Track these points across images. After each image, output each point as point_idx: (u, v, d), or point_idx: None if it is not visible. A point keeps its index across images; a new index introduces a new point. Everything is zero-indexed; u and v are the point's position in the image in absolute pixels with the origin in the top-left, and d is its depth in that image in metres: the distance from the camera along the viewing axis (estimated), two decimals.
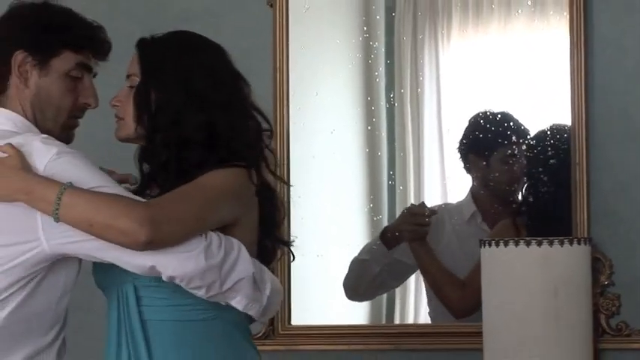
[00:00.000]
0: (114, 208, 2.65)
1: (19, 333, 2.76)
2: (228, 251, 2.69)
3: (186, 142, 2.80)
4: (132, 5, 4.38)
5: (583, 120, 3.94)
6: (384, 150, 4.33)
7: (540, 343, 3.63)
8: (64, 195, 2.64)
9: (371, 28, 4.35)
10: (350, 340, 4.17)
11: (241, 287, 2.71)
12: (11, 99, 2.88)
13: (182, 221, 2.68)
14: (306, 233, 4.19)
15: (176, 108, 2.82)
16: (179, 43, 2.93)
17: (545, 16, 4.11)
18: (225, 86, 2.88)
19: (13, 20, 2.92)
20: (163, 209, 2.68)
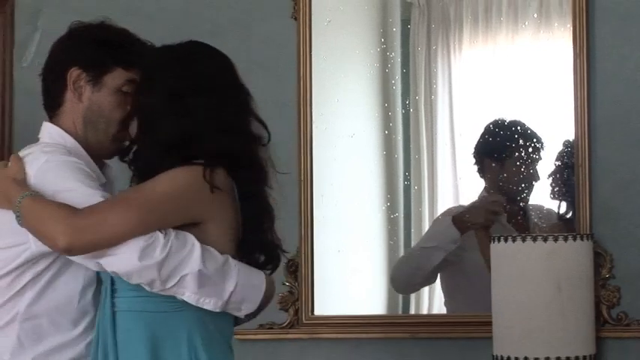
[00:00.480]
0: (49, 216, 2.65)
1: (42, 326, 2.77)
2: (174, 251, 2.63)
3: (161, 145, 2.75)
4: (167, 19, 4.38)
5: (585, 125, 3.93)
6: (400, 152, 4.33)
7: (546, 332, 3.62)
8: (21, 204, 2.67)
9: (388, 39, 4.35)
10: (369, 329, 4.17)
11: (187, 283, 2.65)
12: (66, 113, 2.90)
13: (111, 226, 2.62)
14: (328, 230, 4.24)
15: (153, 112, 2.78)
16: (175, 52, 2.86)
17: (550, 28, 4.11)
18: (212, 94, 2.79)
19: (71, 39, 2.94)
20: (90, 217, 2.64)
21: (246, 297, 2.74)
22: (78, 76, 2.87)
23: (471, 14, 4.25)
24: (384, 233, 4.31)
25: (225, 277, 2.70)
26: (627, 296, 3.89)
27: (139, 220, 2.63)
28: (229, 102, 2.81)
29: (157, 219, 2.66)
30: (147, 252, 2.62)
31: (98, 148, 2.90)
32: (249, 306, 2.75)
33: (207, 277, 2.66)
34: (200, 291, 2.67)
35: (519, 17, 4.19)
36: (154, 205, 2.66)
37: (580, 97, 3.95)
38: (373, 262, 4.31)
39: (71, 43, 2.94)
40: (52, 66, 2.94)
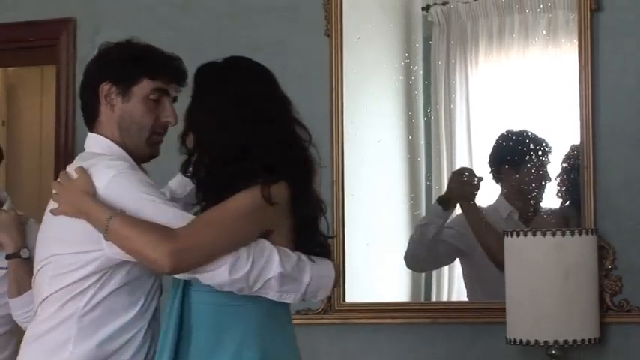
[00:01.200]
0: (146, 239, 2.66)
1: (100, 317, 2.79)
2: (256, 260, 2.68)
3: (217, 159, 2.76)
4: (209, 37, 4.39)
5: (590, 130, 3.92)
6: (422, 156, 4.33)
7: (554, 317, 3.63)
8: (110, 223, 2.67)
9: (411, 54, 4.35)
10: (394, 315, 4.17)
11: (271, 285, 2.71)
12: (102, 124, 2.92)
13: (205, 248, 2.66)
14: (357, 226, 4.24)
15: (211, 129, 2.77)
16: (223, 68, 2.85)
17: (558, 44, 4.10)
18: (261, 107, 2.79)
19: (101, 58, 2.97)
20: (187, 240, 2.66)
21: (321, 286, 2.81)
22: (109, 90, 2.89)
23: (486, 32, 4.25)
24: (408, 228, 4.31)
25: (301, 273, 2.76)
26: (628, 285, 3.88)
27: (228, 242, 2.67)
28: (276, 112, 2.81)
29: (241, 238, 2.70)
30: (235, 267, 2.68)
31: (136, 153, 2.92)
32: (324, 292, 2.84)
33: (286, 277, 2.73)
34: (281, 289, 2.74)
35: (530, 34, 4.19)
36: (235, 226, 2.70)
37: (585, 106, 3.94)
38: (398, 254, 4.29)
39: (101, 61, 2.96)
40: (87, 83, 2.96)
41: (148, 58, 2.93)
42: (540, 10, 4.16)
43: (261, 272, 2.70)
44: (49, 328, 2.82)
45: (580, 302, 3.67)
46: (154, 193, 2.76)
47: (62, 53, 4.69)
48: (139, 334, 2.83)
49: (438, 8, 4.31)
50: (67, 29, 4.66)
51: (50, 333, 2.82)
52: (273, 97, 2.85)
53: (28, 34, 4.80)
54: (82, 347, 2.78)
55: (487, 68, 4.30)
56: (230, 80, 2.81)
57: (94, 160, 2.84)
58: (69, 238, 2.79)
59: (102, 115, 2.92)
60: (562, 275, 3.63)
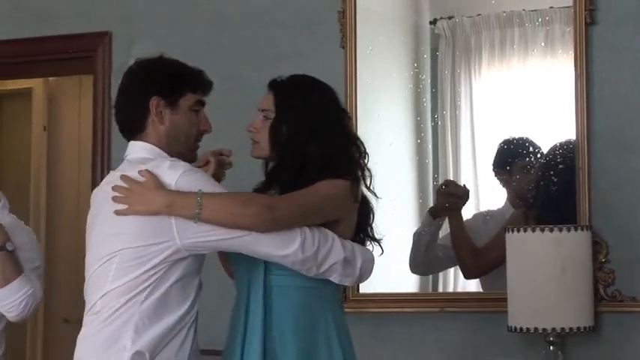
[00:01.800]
0: (243, 200, 2.76)
1: (157, 310, 2.80)
2: (322, 243, 2.81)
3: (305, 165, 2.89)
4: (237, 48, 4.40)
5: (585, 134, 3.91)
6: (430, 158, 4.32)
7: (552, 307, 3.63)
8: (202, 200, 2.71)
9: (419, 64, 4.35)
10: (405, 304, 4.17)
11: (335, 269, 2.85)
12: (149, 134, 2.93)
13: (293, 209, 2.78)
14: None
15: (300, 141, 2.91)
16: (302, 87, 3.01)
17: (555, 55, 4.09)
18: (333, 121, 2.97)
19: (144, 75, 2.98)
20: (280, 200, 2.81)
21: (367, 269, 2.96)
22: (158, 103, 2.91)
23: (488, 44, 4.25)
24: (417, 225, 4.30)
25: (355, 259, 2.90)
26: (620, 277, 3.87)
27: (307, 210, 2.82)
28: (341, 124, 2.99)
29: (316, 215, 2.84)
30: (304, 247, 2.78)
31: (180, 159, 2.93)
32: (368, 275, 2.99)
33: (348, 262, 2.87)
34: (343, 272, 2.88)
35: (529, 46, 4.18)
36: (317, 204, 2.84)
37: (580, 112, 3.93)
38: (409, 248, 4.29)
39: (147, 77, 2.97)
40: (131, 98, 2.97)
41: (187, 74, 2.98)
42: (539, 24, 4.15)
43: (327, 255, 2.83)
44: (111, 320, 2.80)
45: (576, 293, 3.67)
46: (220, 187, 2.87)
47: (99, 64, 4.71)
48: (186, 327, 2.84)
49: (444, 22, 4.32)
50: (104, 42, 4.68)
51: (111, 325, 2.80)
52: (340, 109, 3.06)
53: (68, 47, 4.83)
54: (141, 339, 2.78)
55: (489, 77, 4.30)
56: (311, 99, 2.98)
57: (153, 163, 2.85)
58: (138, 232, 2.78)
59: (149, 127, 2.93)
60: (559, 268, 3.63)
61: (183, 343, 2.82)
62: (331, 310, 2.95)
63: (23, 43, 4.86)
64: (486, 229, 4.15)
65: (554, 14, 4.10)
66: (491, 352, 3.95)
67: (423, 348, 4.12)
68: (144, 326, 2.77)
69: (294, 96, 2.97)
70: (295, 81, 3.02)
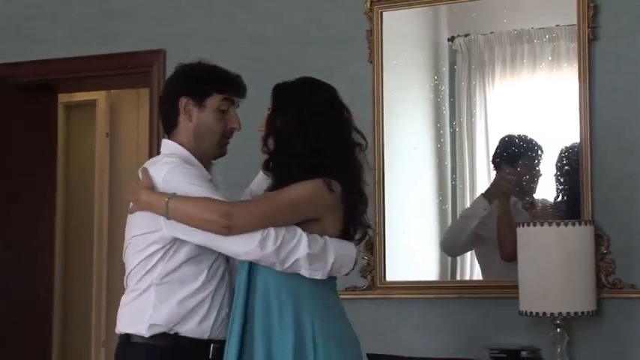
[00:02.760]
0: (204, 207, 2.72)
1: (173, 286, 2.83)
2: (286, 241, 2.71)
3: (294, 156, 2.80)
4: (274, 63, 4.39)
5: (588, 138, 3.89)
6: (448, 160, 4.29)
7: (558, 293, 3.61)
8: (168, 203, 2.74)
9: (439, 77, 4.32)
10: (426, 291, 4.15)
11: (301, 264, 2.74)
12: (180, 131, 2.96)
13: (251, 216, 2.71)
14: (396, 218, 4.23)
15: (289, 132, 2.82)
16: (298, 87, 2.92)
17: (561, 68, 4.05)
18: (324, 115, 2.83)
19: (177, 77, 3.01)
20: (240, 207, 2.75)
21: (343, 263, 2.83)
22: (186, 103, 2.93)
23: (500, 58, 4.21)
24: (437, 220, 4.29)
25: (327, 254, 2.77)
26: (620, 267, 3.84)
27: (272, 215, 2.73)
28: (338, 121, 2.87)
29: (285, 216, 2.75)
30: (264, 243, 2.71)
31: (207, 153, 2.97)
32: (345, 269, 2.86)
33: (314, 257, 2.75)
34: (311, 267, 2.76)
35: (537, 60, 4.14)
36: (286, 206, 2.75)
37: (584, 118, 3.90)
38: (429, 241, 4.27)
39: (179, 80, 3.00)
40: (168, 98, 3.00)
41: (214, 76, 2.97)
42: (546, 40, 4.12)
43: (291, 252, 2.72)
44: (134, 296, 2.88)
45: (580, 281, 3.64)
46: (201, 183, 2.81)
47: (154, 78, 4.73)
48: (208, 298, 2.85)
49: (460, 39, 4.29)
50: (158, 59, 4.69)
51: (135, 300, 2.88)
52: (338, 107, 2.91)
53: (127, 63, 4.84)
54: (160, 311, 2.83)
55: (502, 89, 4.27)
56: (306, 96, 2.87)
57: (157, 159, 2.93)
58: (140, 222, 2.86)
59: (180, 124, 2.96)
60: (565, 259, 3.60)
61: (207, 316, 2.84)
62: (309, 303, 2.78)
63: (89, 60, 4.88)
64: None
65: (559, 31, 4.08)
66: (503, 334, 3.92)
67: (442, 330, 4.09)
68: (160, 303, 2.83)
69: (290, 92, 2.90)
70: (295, 81, 2.95)
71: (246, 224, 2.71)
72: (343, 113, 2.90)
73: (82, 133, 6.47)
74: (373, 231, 3.05)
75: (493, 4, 4.16)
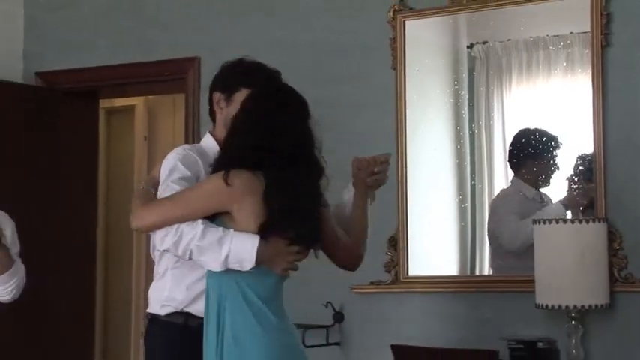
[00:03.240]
0: (135, 205, 2.74)
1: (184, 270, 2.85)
2: (184, 234, 2.63)
3: (222, 149, 2.75)
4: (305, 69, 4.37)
5: (601, 141, 3.85)
6: (467, 161, 4.29)
7: (573, 287, 3.60)
8: (133, 198, 2.80)
9: (459, 82, 4.33)
10: (446, 285, 4.15)
11: (194, 255, 2.65)
12: (217, 124, 2.99)
13: (156, 215, 2.66)
14: (418, 216, 4.22)
15: (233, 132, 2.74)
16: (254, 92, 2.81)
17: (575, 73, 4.03)
18: (256, 117, 2.71)
19: (216, 73, 3.03)
20: (149, 209, 2.70)
21: (242, 259, 2.62)
22: (219, 98, 2.96)
23: (517, 65, 4.20)
24: (457, 217, 4.30)
25: (221, 246, 2.61)
26: (632, 262, 3.81)
27: (182, 213, 2.64)
28: (266, 120, 2.71)
29: (195, 211, 2.65)
30: (164, 239, 2.67)
31: None
32: (247, 264, 2.63)
33: (204, 249, 2.63)
34: (203, 258, 2.65)
35: (552, 66, 4.13)
36: (193, 201, 2.66)
37: (597, 122, 3.87)
38: (449, 237, 4.29)
39: (216, 75, 3.02)
40: (208, 94, 3.03)
41: (243, 72, 2.96)
42: (560, 47, 4.11)
43: (187, 244, 2.64)
44: (156, 280, 2.96)
45: (594, 275, 3.62)
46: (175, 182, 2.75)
47: (189, 84, 4.75)
48: None
49: (479, 46, 4.28)
50: (193, 66, 4.71)
51: (157, 281, 2.96)
52: (264, 104, 2.74)
53: (164, 70, 4.87)
54: (173, 293, 2.89)
55: (518, 93, 4.26)
56: (251, 98, 2.78)
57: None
58: None
59: (217, 117, 2.99)
60: (579, 254, 3.59)
61: None
62: (234, 299, 2.65)
63: (128, 67, 4.91)
64: None
65: (573, 39, 4.06)
66: (520, 326, 3.91)
67: (462, 322, 4.08)
68: (174, 286, 2.88)
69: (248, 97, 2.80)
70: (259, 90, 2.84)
71: (153, 224, 2.68)
72: (272, 108, 2.72)
73: (122, 137, 6.52)
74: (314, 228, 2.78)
75: (510, 12, 4.14)
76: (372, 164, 2.95)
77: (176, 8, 4.82)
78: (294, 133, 2.70)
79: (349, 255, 2.91)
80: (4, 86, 4.86)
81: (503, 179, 4.25)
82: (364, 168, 2.94)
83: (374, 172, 2.95)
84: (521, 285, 3.89)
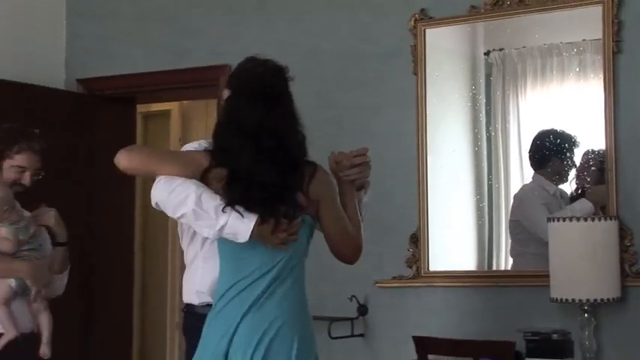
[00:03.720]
0: None
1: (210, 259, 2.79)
2: (176, 193, 2.57)
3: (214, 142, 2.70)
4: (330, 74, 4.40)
5: (612, 142, 3.84)
6: (485, 162, 4.28)
7: (586, 282, 3.60)
8: None
9: (476, 87, 4.31)
10: (465, 280, 4.15)
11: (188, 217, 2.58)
12: None
13: (147, 163, 2.67)
14: (438, 214, 4.23)
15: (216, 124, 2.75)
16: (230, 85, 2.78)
17: (587, 79, 4.02)
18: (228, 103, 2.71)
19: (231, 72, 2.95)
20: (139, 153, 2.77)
21: (237, 232, 2.54)
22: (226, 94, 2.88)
23: (532, 70, 4.19)
24: (475, 216, 4.28)
25: (218, 216, 2.54)
26: None
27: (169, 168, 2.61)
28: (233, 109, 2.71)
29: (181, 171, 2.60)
30: (156, 188, 2.62)
31: None
32: (241, 237, 2.55)
33: (199, 214, 2.55)
34: (197, 223, 2.58)
35: (565, 72, 4.11)
36: (183, 162, 2.63)
37: (609, 124, 3.86)
38: (468, 235, 4.28)
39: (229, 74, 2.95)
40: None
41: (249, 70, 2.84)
42: (574, 53, 4.09)
43: (178, 205, 2.56)
44: (187, 267, 2.92)
45: (605, 270, 3.62)
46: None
47: (220, 90, 4.71)
48: None
49: (496, 53, 4.27)
50: (224, 73, 4.68)
51: (187, 271, 2.91)
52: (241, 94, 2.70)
53: (197, 77, 4.90)
54: (203, 281, 2.82)
55: (533, 98, 4.24)
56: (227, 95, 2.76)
57: None
58: None
59: None
60: (592, 250, 3.58)
61: None
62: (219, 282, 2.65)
63: (163, 74, 4.95)
64: None
65: (586, 45, 4.04)
66: (536, 319, 3.90)
67: (480, 315, 4.08)
68: (205, 272, 2.81)
69: None
70: None
71: (129, 165, 2.68)
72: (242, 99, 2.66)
73: (158, 140, 6.55)
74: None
75: (525, 21, 4.13)
76: (347, 159, 2.78)
77: (208, 19, 4.86)
78: (250, 124, 2.60)
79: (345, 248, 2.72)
80: (47, 92, 4.93)
81: (519, 179, 4.23)
82: (340, 163, 2.78)
83: (349, 166, 2.76)
84: (537, 280, 3.89)
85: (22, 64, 4.90)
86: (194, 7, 4.90)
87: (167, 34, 4.96)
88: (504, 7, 4.09)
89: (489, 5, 4.12)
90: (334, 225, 2.68)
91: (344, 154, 2.80)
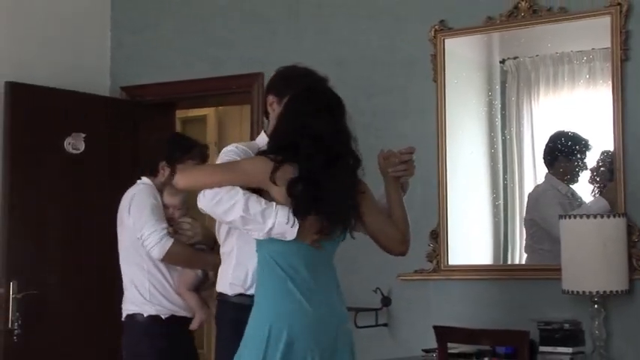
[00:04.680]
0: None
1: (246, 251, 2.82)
2: (223, 201, 2.59)
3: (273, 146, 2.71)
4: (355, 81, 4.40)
5: (621, 145, 3.83)
6: (500, 163, 4.27)
7: (596, 275, 3.59)
8: None
9: (492, 92, 4.30)
10: (482, 273, 4.14)
11: (237, 224, 2.63)
12: (270, 122, 2.93)
13: (193, 179, 2.70)
14: (457, 211, 4.23)
15: (274, 129, 2.80)
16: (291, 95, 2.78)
17: (596, 85, 3.99)
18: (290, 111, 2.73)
19: (272, 78, 3.01)
20: (188, 172, 2.80)
21: (285, 231, 2.59)
22: (272, 100, 2.92)
23: (544, 77, 4.18)
24: (491, 213, 4.27)
25: (265, 219, 2.58)
26: None
27: (216, 179, 2.64)
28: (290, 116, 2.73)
29: (230, 180, 2.63)
30: (205, 195, 2.63)
31: None
32: (289, 235, 2.59)
33: (248, 220, 2.59)
34: (246, 228, 2.62)
35: (576, 79, 4.09)
36: (231, 172, 2.66)
37: (617, 127, 3.84)
38: (484, 231, 4.27)
39: (270, 80, 3.01)
40: (264, 96, 3.02)
41: (294, 77, 2.91)
42: (584, 61, 4.07)
43: (227, 211, 2.59)
44: (224, 259, 2.93)
45: (614, 264, 3.61)
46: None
47: (254, 97, 4.79)
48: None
49: (510, 61, 4.27)
50: (258, 80, 4.75)
51: (224, 262, 2.93)
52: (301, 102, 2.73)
53: (232, 84, 4.93)
54: (235, 274, 2.86)
55: (545, 103, 4.23)
56: (287, 103, 2.77)
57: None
58: None
59: (270, 117, 2.96)
60: (601, 245, 3.58)
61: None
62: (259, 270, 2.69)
63: (201, 82, 4.98)
64: None
65: (595, 54, 4.03)
66: (548, 310, 3.90)
67: (496, 306, 4.08)
68: (238, 266, 2.85)
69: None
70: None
71: (189, 184, 2.70)
72: (304, 108, 2.68)
73: None
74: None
75: (538, 31, 4.13)
76: (396, 156, 2.82)
77: (242, 30, 4.89)
78: (323, 131, 2.64)
79: (391, 241, 2.78)
80: (93, 99, 4.98)
81: (532, 179, 4.23)
82: (388, 159, 2.82)
83: (397, 163, 2.81)
84: (549, 273, 3.88)
85: (71, 73, 4.96)
86: (229, 20, 4.94)
87: (204, 44, 5.00)
88: (519, 18, 4.10)
89: (504, 16, 4.13)
90: (377, 223, 2.74)
91: (392, 151, 2.83)
